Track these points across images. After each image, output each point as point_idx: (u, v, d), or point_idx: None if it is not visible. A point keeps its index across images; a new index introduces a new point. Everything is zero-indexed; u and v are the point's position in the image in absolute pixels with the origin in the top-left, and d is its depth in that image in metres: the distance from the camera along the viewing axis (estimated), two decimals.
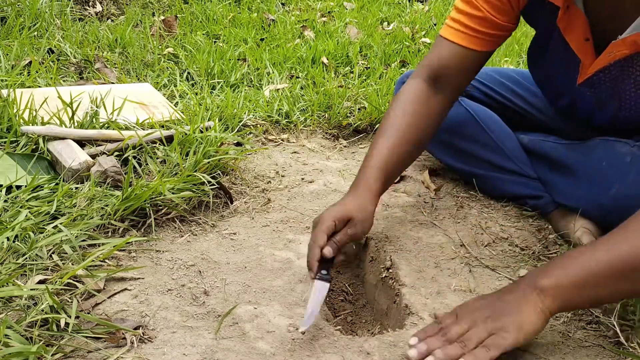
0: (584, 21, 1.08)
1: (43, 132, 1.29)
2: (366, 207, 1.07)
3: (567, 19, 1.10)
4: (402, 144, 1.16)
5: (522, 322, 0.84)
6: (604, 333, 0.97)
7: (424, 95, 1.20)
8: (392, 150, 1.14)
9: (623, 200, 1.10)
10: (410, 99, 1.19)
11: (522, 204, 1.36)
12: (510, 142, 1.36)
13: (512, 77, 1.48)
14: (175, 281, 1.01)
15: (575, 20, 1.09)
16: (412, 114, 1.18)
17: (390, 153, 1.14)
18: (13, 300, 0.88)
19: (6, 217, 1.03)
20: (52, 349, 0.81)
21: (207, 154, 1.31)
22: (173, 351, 0.85)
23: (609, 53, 1.07)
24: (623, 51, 1.05)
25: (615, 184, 1.13)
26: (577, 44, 1.11)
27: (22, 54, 1.85)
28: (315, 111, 1.77)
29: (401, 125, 1.17)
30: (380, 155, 1.13)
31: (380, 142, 1.15)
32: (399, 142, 1.15)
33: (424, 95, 1.20)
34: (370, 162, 1.13)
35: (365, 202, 1.07)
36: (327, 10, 3.10)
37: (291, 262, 1.10)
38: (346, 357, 0.88)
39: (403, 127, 1.17)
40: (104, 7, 2.58)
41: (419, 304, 1.01)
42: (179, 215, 1.19)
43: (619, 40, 1.04)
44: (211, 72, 1.97)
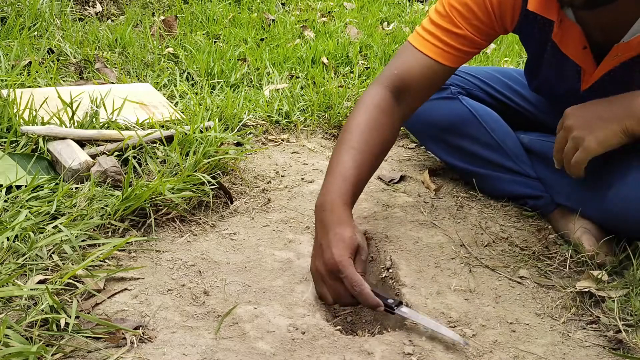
0: (578, 31, 1.09)
1: (43, 132, 1.29)
2: (357, 229, 1.03)
3: (562, 32, 1.11)
4: (368, 156, 1.11)
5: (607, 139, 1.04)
6: (604, 333, 0.97)
7: (389, 107, 1.16)
8: (358, 165, 1.09)
9: (622, 201, 1.10)
10: (376, 109, 1.15)
11: (522, 204, 1.36)
12: (511, 141, 1.36)
13: (513, 76, 1.48)
14: (175, 281, 1.01)
15: (570, 33, 1.10)
16: (377, 126, 1.14)
17: (356, 168, 1.08)
18: (13, 300, 0.88)
19: (6, 217, 1.03)
20: (52, 349, 0.81)
21: (207, 154, 1.31)
22: (173, 351, 0.85)
23: (614, 56, 1.07)
24: (629, 53, 1.06)
25: (614, 184, 1.13)
26: (576, 53, 1.12)
27: (22, 54, 1.85)
28: (315, 111, 1.77)
29: (366, 137, 1.12)
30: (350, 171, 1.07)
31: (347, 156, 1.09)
32: (366, 156, 1.11)
33: (389, 107, 1.16)
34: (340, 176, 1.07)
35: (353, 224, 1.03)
36: (327, 10, 3.10)
37: (291, 262, 1.10)
38: (346, 357, 0.88)
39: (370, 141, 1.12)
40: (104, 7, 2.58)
41: (419, 304, 1.01)
42: (179, 215, 1.19)
43: (623, 43, 1.04)
44: (211, 72, 1.97)
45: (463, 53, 1.17)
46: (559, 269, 1.15)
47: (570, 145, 1.08)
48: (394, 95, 1.18)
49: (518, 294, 1.07)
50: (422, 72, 1.17)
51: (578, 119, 1.07)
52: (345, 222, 1.01)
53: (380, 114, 1.15)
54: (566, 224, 1.23)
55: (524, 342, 0.95)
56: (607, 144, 1.04)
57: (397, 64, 1.20)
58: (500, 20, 1.16)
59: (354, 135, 1.11)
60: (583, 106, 1.08)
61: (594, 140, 1.04)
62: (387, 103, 1.16)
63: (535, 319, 1.01)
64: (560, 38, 1.12)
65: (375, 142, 1.13)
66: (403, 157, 1.62)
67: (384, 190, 1.42)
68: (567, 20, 1.09)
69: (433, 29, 1.17)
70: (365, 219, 1.27)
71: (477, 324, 0.98)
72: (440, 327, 0.93)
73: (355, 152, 1.09)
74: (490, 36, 1.19)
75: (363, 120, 1.14)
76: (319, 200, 1.05)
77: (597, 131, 1.04)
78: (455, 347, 0.92)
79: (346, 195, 1.05)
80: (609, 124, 1.03)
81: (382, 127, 1.15)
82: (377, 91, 1.17)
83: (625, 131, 1.02)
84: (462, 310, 1.01)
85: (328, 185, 1.06)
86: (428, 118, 1.43)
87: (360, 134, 1.12)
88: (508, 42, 2.84)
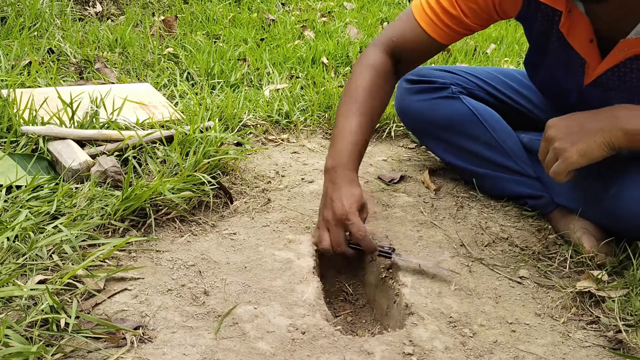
0: (587, 24, 1.08)
1: (43, 132, 1.29)
2: (362, 188, 1.15)
3: (570, 23, 1.10)
4: (370, 122, 1.22)
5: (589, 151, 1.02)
6: (604, 333, 0.97)
7: (388, 72, 1.26)
8: (364, 131, 1.19)
9: (622, 201, 1.10)
10: (377, 74, 1.24)
11: (522, 204, 1.36)
12: (512, 141, 1.36)
13: (514, 76, 1.48)
14: (175, 281, 1.01)
15: (578, 24, 1.09)
16: (378, 91, 1.23)
17: (363, 134, 1.19)
18: (13, 300, 0.88)
19: (6, 217, 1.03)
20: (52, 349, 0.81)
21: (207, 154, 1.31)
22: (173, 351, 0.85)
23: (619, 51, 1.07)
24: (636, 49, 1.05)
25: (614, 184, 1.13)
26: (582, 46, 1.12)
27: (22, 54, 1.85)
28: (315, 111, 1.77)
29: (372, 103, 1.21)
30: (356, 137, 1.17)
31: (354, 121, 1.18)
32: (369, 122, 1.21)
33: (389, 72, 1.26)
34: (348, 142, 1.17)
35: (358, 184, 1.15)
36: (327, 10, 3.10)
37: (291, 262, 1.10)
38: (346, 357, 0.88)
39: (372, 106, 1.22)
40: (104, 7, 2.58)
41: (419, 304, 1.01)
42: (179, 215, 1.19)
43: (630, 39, 1.04)
44: (211, 72, 1.97)
45: (454, 32, 1.22)
46: (559, 269, 1.15)
47: (550, 155, 1.07)
48: (392, 62, 1.26)
49: (518, 294, 1.07)
50: (415, 42, 1.24)
51: (560, 129, 1.06)
52: (354, 182, 1.14)
53: (381, 79, 1.24)
54: (566, 224, 1.23)
55: (524, 342, 0.95)
56: (589, 156, 1.02)
57: (395, 31, 1.27)
58: (500, 7, 1.19)
59: (358, 99, 1.21)
60: (566, 117, 1.08)
61: (576, 152, 1.02)
62: (387, 69, 1.25)
63: (535, 319, 1.01)
64: (567, 29, 1.12)
65: (376, 106, 1.23)
66: (403, 157, 1.62)
67: (384, 190, 1.42)
68: (576, 10, 1.08)
69: (433, 3, 1.20)
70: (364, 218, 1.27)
71: (477, 324, 0.98)
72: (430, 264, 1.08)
73: (361, 117, 1.19)
74: (486, 21, 1.22)
75: (366, 85, 1.22)
76: (329, 162, 1.16)
77: (579, 143, 1.02)
78: (455, 346, 0.92)
79: (354, 158, 1.17)
80: (591, 136, 1.02)
81: (382, 92, 1.25)
82: (378, 56, 1.25)
83: (608, 144, 1.01)
84: (462, 310, 1.01)
85: (337, 149, 1.17)
86: (429, 117, 1.43)
87: (364, 98, 1.21)
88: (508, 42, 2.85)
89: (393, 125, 1.73)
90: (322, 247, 1.11)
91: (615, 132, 1.00)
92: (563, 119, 1.08)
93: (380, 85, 1.23)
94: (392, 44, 1.25)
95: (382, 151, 1.65)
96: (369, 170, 1.51)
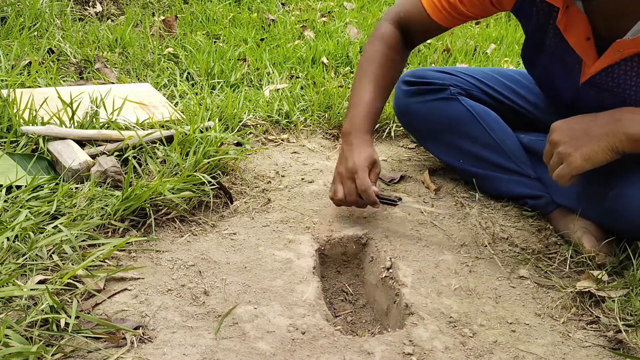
0: (584, 21, 1.08)
1: (43, 132, 1.29)
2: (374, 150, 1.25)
3: (567, 19, 1.10)
4: (382, 89, 1.31)
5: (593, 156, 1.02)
6: (604, 333, 0.97)
7: (400, 45, 1.34)
8: (376, 97, 1.29)
9: (622, 201, 1.10)
10: (388, 44, 1.32)
11: (522, 204, 1.36)
12: (511, 141, 1.36)
13: (512, 77, 1.48)
14: (175, 281, 1.01)
15: (575, 21, 1.09)
16: (391, 62, 1.32)
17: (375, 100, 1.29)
18: (13, 300, 0.88)
19: (6, 217, 1.03)
20: (52, 349, 0.81)
21: (207, 154, 1.31)
22: (173, 351, 0.85)
23: (614, 51, 1.07)
24: (632, 50, 1.05)
25: (614, 185, 1.13)
26: (579, 43, 1.11)
27: (22, 54, 1.85)
28: (315, 111, 1.77)
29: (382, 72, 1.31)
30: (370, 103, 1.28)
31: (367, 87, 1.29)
32: (382, 90, 1.30)
33: (400, 45, 1.34)
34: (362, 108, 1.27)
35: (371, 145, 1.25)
36: (327, 10, 3.09)
37: (291, 262, 1.10)
38: (346, 357, 0.88)
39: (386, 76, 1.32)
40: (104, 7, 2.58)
41: (419, 304, 1.01)
42: (179, 216, 1.19)
43: (627, 40, 1.03)
44: (211, 72, 1.97)
45: (453, 17, 1.28)
46: (559, 269, 1.15)
47: (555, 159, 1.07)
48: (400, 33, 1.34)
49: (518, 294, 1.07)
50: (419, 21, 1.31)
51: (564, 133, 1.06)
52: (368, 144, 1.24)
53: (391, 50, 1.32)
54: (566, 224, 1.23)
55: (524, 342, 0.95)
56: (593, 161, 1.03)
57: (402, 6, 1.34)
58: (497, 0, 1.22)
59: (370, 69, 1.31)
60: (570, 120, 1.08)
61: (580, 157, 1.03)
62: (396, 40, 1.33)
63: (535, 319, 1.01)
64: (564, 25, 1.11)
65: (387, 75, 1.32)
66: (403, 157, 1.62)
67: (384, 191, 1.42)
68: (574, 7, 1.08)
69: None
70: (365, 219, 1.27)
71: (477, 324, 0.98)
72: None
73: (375, 86, 1.29)
74: (482, 10, 1.26)
75: (377, 55, 1.32)
76: (347, 126, 1.27)
77: (584, 148, 1.03)
78: (455, 346, 0.92)
79: (368, 121, 1.27)
80: (595, 141, 1.02)
81: (393, 62, 1.33)
82: (387, 28, 1.34)
83: (612, 148, 1.01)
84: (462, 310, 1.01)
85: (352, 114, 1.28)
86: (427, 119, 1.43)
87: (378, 68, 1.31)
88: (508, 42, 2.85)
89: (393, 125, 1.73)
90: (336, 199, 1.22)
91: (619, 136, 1.00)
92: (567, 122, 1.08)
93: (390, 56, 1.32)
94: (400, 18, 1.33)
95: (382, 151, 1.65)
96: None
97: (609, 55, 1.08)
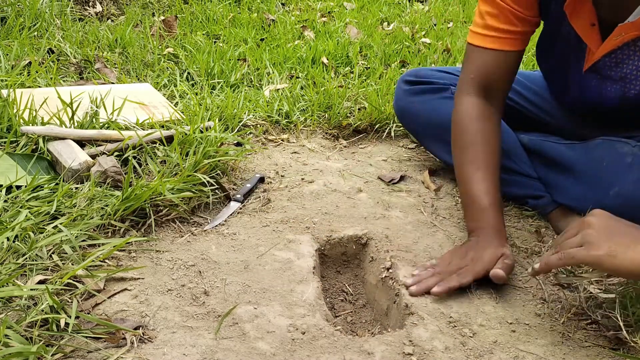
0: (589, 7, 1.08)
1: (43, 132, 1.29)
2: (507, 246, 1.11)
3: (574, 4, 1.10)
4: (497, 172, 1.18)
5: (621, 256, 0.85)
6: (604, 333, 0.97)
7: (488, 113, 1.21)
8: (494, 181, 1.16)
9: (623, 201, 1.10)
10: (479, 120, 1.20)
11: (522, 204, 1.36)
12: (511, 141, 1.36)
13: None
14: (175, 281, 1.01)
15: (581, 6, 1.09)
16: (490, 138, 1.19)
17: (494, 184, 1.16)
18: (13, 300, 0.88)
19: (6, 217, 1.03)
20: (52, 349, 0.81)
21: (207, 154, 1.31)
22: (173, 351, 0.85)
23: (616, 36, 1.07)
24: (633, 33, 1.05)
25: (615, 184, 1.13)
26: (583, 29, 1.11)
27: (22, 54, 1.85)
28: (315, 111, 1.77)
29: (490, 155, 1.18)
30: (491, 191, 1.15)
31: (479, 175, 1.16)
32: (497, 173, 1.18)
33: (488, 113, 1.21)
34: (486, 200, 1.14)
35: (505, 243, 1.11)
36: (327, 11, 3.09)
37: (291, 262, 1.10)
38: (346, 357, 0.88)
39: (492, 157, 1.18)
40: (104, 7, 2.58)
41: (419, 304, 1.01)
42: (178, 216, 1.19)
43: (628, 23, 1.03)
44: (211, 72, 1.97)
45: (518, 34, 1.18)
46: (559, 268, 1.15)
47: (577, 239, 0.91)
48: (485, 100, 1.22)
49: (518, 294, 1.07)
50: (497, 65, 1.20)
51: (604, 221, 0.91)
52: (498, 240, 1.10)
53: (485, 123, 1.20)
54: (566, 224, 1.23)
55: (524, 342, 0.95)
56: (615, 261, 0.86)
57: (470, 69, 1.23)
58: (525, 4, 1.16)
59: (479, 156, 1.18)
60: (615, 217, 0.93)
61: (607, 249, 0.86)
62: (484, 110, 1.21)
63: (535, 319, 1.01)
64: (571, 10, 1.11)
65: (495, 154, 1.19)
66: (403, 157, 1.62)
67: (384, 190, 1.42)
68: None
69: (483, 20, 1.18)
70: (365, 219, 1.27)
71: (477, 324, 0.98)
72: None
73: (489, 176, 1.16)
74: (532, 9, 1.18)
75: (476, 138, 1.19)
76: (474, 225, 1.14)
77: (617, 245, 0.86)
78: (455, 346, 0.92)
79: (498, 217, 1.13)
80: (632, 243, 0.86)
81: (493, 136, 1.20)
82: (470, 102, 1.21)
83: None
84: (462, 310, 1.01)
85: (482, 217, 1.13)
86: (428, 118, 1.43)
87: (482, 154, 1.18)
88: None
89: (393, 125, 1.73)
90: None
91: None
92: (612, 216, 0.93)
93: (486, 130, 1.20)
94: (478, 82, 1.21)
95: (382, 151, 1.65)
96: (369, 170, 1.51)
97: (611, 40, 1.08)
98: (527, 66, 2.49)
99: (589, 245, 0.88)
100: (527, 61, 2.52)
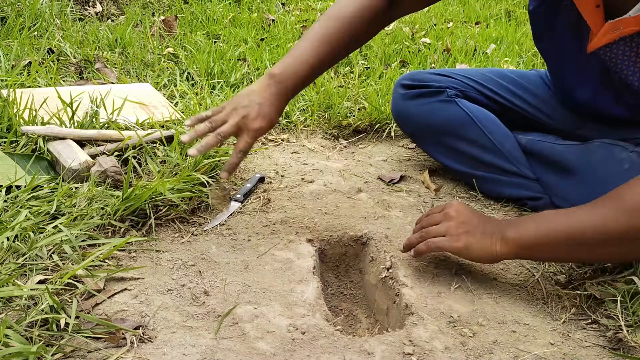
0: None
1: (43, 132, 1.29)
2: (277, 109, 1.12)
3: None
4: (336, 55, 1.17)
5: (474, 248, 1.01)
6: (604, 333, 0.97)
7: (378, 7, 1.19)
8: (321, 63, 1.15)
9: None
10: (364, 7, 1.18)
11: (521, 205, 1.36)
12: (509, 143, 1.36)
13: (509, 77, 1.48)
14: (175, 281, 1.01)
15: None
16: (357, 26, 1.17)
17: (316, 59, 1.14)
18: (13, 300, 0.88)
19: (6, 217, 1.03)
20: (52, 349, 0.81)
21: (206, 154, 1.31)
22: (173, 351, 0.85)
23: (615, 29, 1.05)
24: (632, 28, 1.03)
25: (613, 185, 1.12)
26: (588, 10, 1.09)
27: (22, 54, 1.85)
28: (315, 111, 1.77)
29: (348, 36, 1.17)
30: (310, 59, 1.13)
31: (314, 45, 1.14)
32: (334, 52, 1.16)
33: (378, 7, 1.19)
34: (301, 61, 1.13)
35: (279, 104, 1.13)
36: None
37: (291, 262, 1.10)
38: (346, 357, 0.88)
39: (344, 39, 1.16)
40: (104, 7, 2.58)
41: (419, 304, 1.01)
42: (178, 216, 1.19)
43: (629, 17, 1.02)
44: (211, 72, 1.97)
45: None
46: (559, 268, 1.15)
47: (440, 228, 1.05)
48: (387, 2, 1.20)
49: (518, 294, 1.07)
50: None
51: (462, 215, 1.06)
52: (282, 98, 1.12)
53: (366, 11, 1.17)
54: None
55: (524, 342, 0.95)
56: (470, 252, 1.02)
57: None
58: None
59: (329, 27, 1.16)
60: (470, 209, 1.08)
61: (464, 241, 1.02)
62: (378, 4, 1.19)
63: (535, 319, 1.01)
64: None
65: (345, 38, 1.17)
66: (403, 157, 1.62)
67: (384, 190, 1.42)
68: None
69: None
70: (365, 219, 1.27)
71: (477, 324, 0.98)
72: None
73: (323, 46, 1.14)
74: None
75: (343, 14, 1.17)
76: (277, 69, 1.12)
77: (471, 237, 1.02)
78: (455, 346, 0.92)
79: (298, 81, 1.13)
80: (487, 237, 1.02)
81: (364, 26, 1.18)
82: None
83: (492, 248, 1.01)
84: (462, 310, 1.01)
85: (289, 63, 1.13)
86: (425, 122, 1.44)
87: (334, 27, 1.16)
88: (508, 42, 2.84)
89: (393, 125, 1.73)
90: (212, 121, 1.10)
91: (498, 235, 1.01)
92: (467, 209, 1.07)
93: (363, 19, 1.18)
94: None
95: (382, 151, 1.65)
96: (369, 170, 1.51)
97: (610, 33, 1.06)
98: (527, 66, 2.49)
99: (451, 238, 1.03)
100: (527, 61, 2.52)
